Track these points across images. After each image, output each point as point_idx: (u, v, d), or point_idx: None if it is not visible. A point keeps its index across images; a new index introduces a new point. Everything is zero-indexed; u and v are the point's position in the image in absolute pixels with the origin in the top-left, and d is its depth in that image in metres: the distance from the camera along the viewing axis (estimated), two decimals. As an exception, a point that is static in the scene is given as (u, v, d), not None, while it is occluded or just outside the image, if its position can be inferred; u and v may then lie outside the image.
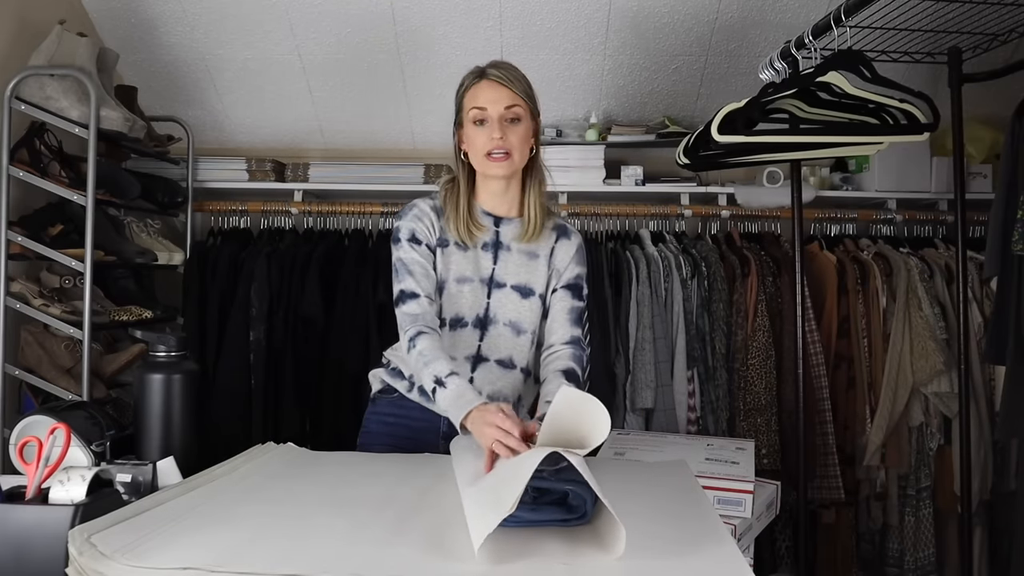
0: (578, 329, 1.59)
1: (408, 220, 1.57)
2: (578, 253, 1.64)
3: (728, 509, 1.72)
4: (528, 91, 1.54)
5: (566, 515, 1.00)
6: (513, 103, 1.51)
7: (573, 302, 1.60)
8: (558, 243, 1.63)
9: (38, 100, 2.27)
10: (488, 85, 1.52)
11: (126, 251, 2.48)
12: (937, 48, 2.30)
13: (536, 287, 1.60)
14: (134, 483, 1.20)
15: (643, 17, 2.74)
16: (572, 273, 1.62)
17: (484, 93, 1.52)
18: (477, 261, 1.58)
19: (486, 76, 1.53)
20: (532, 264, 1.60)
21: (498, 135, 1.49)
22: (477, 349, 1.58)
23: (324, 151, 3.17)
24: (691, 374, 2.66)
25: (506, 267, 1.59)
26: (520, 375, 1.61)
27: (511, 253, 1.59)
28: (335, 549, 0.91)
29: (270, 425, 2.64)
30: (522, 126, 1.52)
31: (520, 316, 1.59)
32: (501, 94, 1.51)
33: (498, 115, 1.50)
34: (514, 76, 1.53)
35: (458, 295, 1.57)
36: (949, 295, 2.69)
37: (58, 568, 0.93)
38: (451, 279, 1.57)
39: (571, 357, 1.53)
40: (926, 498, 2.66)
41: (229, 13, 2.73)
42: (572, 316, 1.59)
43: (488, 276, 1.58)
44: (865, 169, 2.95)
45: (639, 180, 2.87)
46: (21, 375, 2.29)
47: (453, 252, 1.58)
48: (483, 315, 1.58)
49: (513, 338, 1.59)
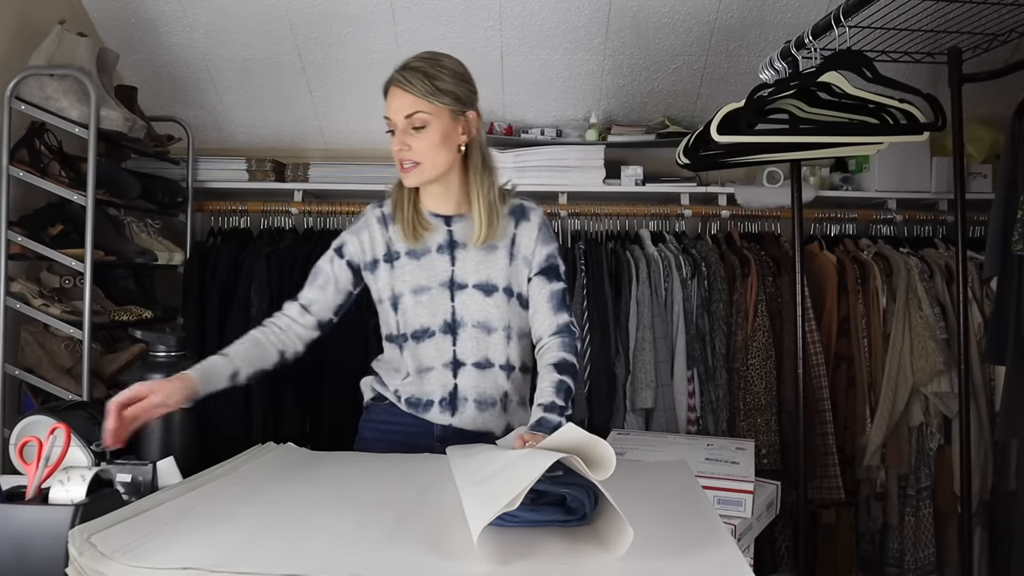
0: (563, 314, 1.53)
1: (349, 231, 1.59)
2: (541, 232, 1.56)
3: (728, 509, 1.72)
4: (446, 88, 1.44)
5: (565, 516, 1.00)
6: (415, 110, 1.43)
7: (551, 286, 1.54)
8: (518, 228, 1.56)
9: (38, 100, 2.27)
10: (393, 92, 1.46)
11: (126, 251, 2.48)
12: (937, 48, 2.30)
13: (498, 282, 1.54)
14: (134, 483, 1.20)
15: (643, 17, 2.74)
16: (542, 256, 1.55)
17: (390, 101, 1.47)
18: (434, 266, 1.54)
19: (393, 81, 1.46)
20: (491, 258, 1.54)
21: (397, 147, 1.45)
22: (453, 355, 1.54)
23: (324, 151, 3.18)
24: (691, 374, 2.66)
25: (465, 266, 1.54)
26: (500, 372, 1.56)
27: (468, 251, 1.54)
28: (335, 549, 0.91)
29: (270, 425, 2.64)
30: (429, 132, 1.44)
31: (487, 315, 1.54)
32: (403, 102, 1.44)
33: (402, 124, 1.45)
34: (421, 77, 1.43)
35: (417, 306, 1.53)
36: (949, 295, 2.69)
37: (58, 568, 0.93)
38: (406, 292, 1.54)
39: (560, 347, 1.48)
40: (926, 498, 2.66)
41: (229, 13, 2.73)
42: (553, 302, 1.53)
43: (448, 279, 1.54)
44: (865, 169, 2.95)
45: (639, 180, 2.87)
46: (21, 375, 2.29)
47: (406, 263, 1.54)
48: (450, 320, 1.54)
49: (485, 338, 1.54)
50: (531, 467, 0.96)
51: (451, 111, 1.46)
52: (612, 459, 0.98)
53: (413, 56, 1.48)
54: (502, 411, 1.58)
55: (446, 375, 1.55)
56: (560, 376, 1.43)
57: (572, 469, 1.01)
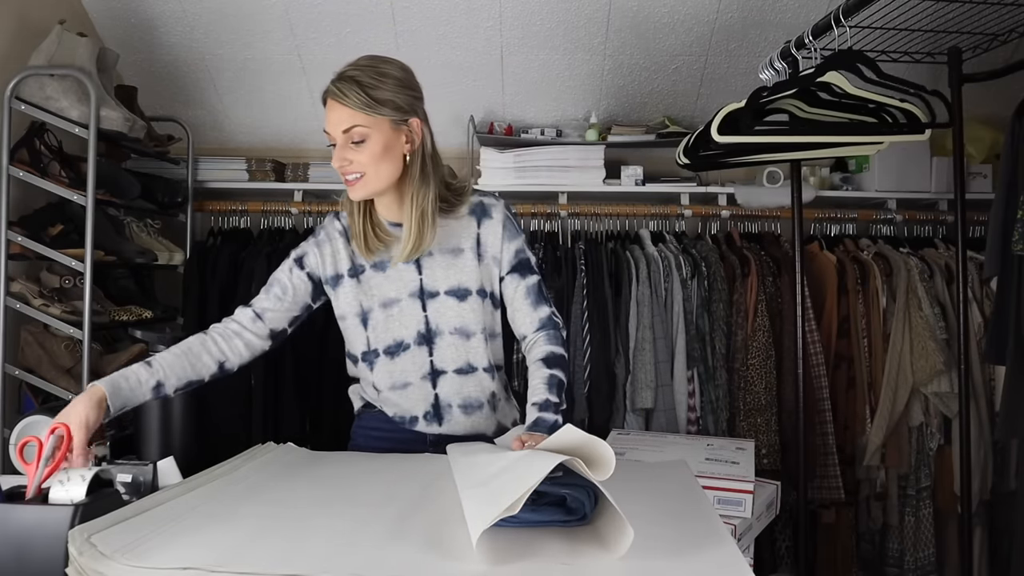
0: (543, 307, 1.49)
1: (310, 243, 1.52)
2: (506, 229, 1.50)
3: (728, 509, 1.72)
4: (384, 97, 1.36)
5: (566, 516, 1.00)
6: (352, 124, 1.36)
7: (525, 281, 1.50)
8: (482, 227, 1.50)
9: (38, 100, 2.27)
10: (329, 105, 1.38)
11: (126, 251, 2.48)
12: (937, 48, 2.29)
13: (470, 285, 1.49)
14: (134, 483, 1.20)
15: (643, 17, 2.74)
16: (510, 253, 1.51)
17: (327, 114, 1.39)
18: (400, 276, 1.49)
19: (328, 92, 1.38)
20: (459, 262, 1.49)
21: (337, 163, 1.39)
22: (430, 365, 1.50)
23: (324, 151, 3.16)
24: (691, 374, 2.66)
25: (433, 273, 1.49)
26: (484, 375, 1.52)
27: (434, 258, 1.48)
28: (335, 549, 0.91)
29: (270, 425, 2.64)
30: (369, 144, 1.37)
31: (464, 320, 1.49)
32: (340, 115, 1.36)
33: (340, 139, 1.38)
34: (355, 88, 1.35)
35: (388, 320, 1.49)
36: (949, 295, 2.69)
37: (58, 568, 0.93)
38: (376, 306, 1.49)
39: (546, 340, 1.45)
40: (926, 498, 2.66)
41: (229, 13, 2.73)
42: (531, 298, 1.49)
43: (417, 288, 1.49)
44: (865, 169, 2.95)
45: (639, 180, 2.87)
46: (21, 375, 2.29)
47: (372, 276, 1.49)
48: (424, 330, 1.49)
49: (464, 343, 1.50)
50: (531, 471, 0.96)
51: (391, 121, 1.38)
52: (612, 459, 0.98)
53: (350, 63, 1.40)
54: (491, 411, 1.56)
55: (425, 387, 1.51)
56: (550, 371, 1.40)
57: (572, 470, 1.01)
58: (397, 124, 1.39)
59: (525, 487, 0.92)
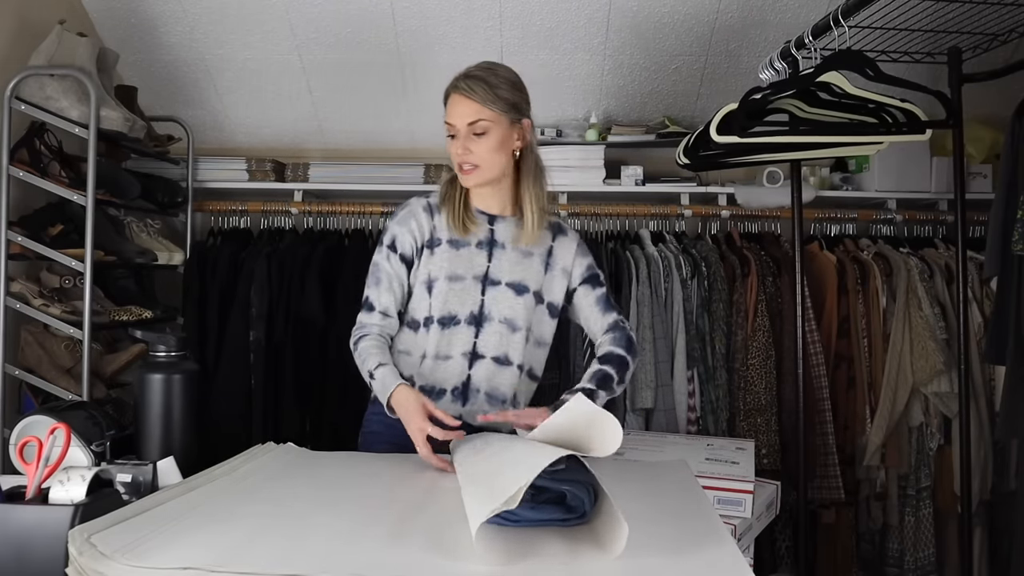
0: (611, 313, 1.68)
1: (396, 223, 1.63)
2: (579, 246, 1.71)
3: (728, 509, 1.72)
4: (505, 96, 1.54)
5: (565, 515, 1.00)
6: (477, 117, 1.52)
7: (596, 291, 1.69)
8: (556, 241, 1.68)
9: (38, 100, 2.27)
10: (456, 99, 1.55)
11: (126, 251, 2.48)
12: (937, 48, 2.29)
13: (530, 284, 1.63)
14: (134, 483, 1.20)
15: (643, 17, 2.75)
16: (583, 266, 1.69)
17: (452, 108, 1.56)
18: (471, 259, 1.61)
19: (456, 88, 1.55)
20: (527, 262, 1.64)
21: (460, 151, 1.54)
22: (473, 346, 1.61)
23: (324, 151, 3.17)
24: (691, 374, 2.66)
25: (501, 264, 1.62)
26: (516, 371, 1.63)
27: (506, 251, 1.63)
28: (335, 549, 0.91)
29: (270, 425, 2.64)
30: (489, 138, 1.53)
31: (515, 313, 1.61)
32: (467, 109, 1.53)
33: (464, 130, 1.53)
34: (483, 86, 1.53)
35: (449, 292, 1.59)
36: (949, 295, 2.69)
37: (58, 568, 0.93)
38: (442, 277, 1.60)
39: (611, 342, 1.63)
40: (926, 498, 2.66)
41: (229, 13, 2.73)
42: (601, 304, 1.68)
43: (483, 273, 1.61)
44: (865, 169, 2.95)
45: (639, 180, 2.87)
46: (21, 375, 2.29)
47: (445, 251, 1.61)
48: (477, 312, 1.61)
49: (508, 335, 1.62)
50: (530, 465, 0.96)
51: (509, 118, 1.55)
52: (618, 433, 1.04)
53: (473, 65, 1.57)
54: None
55: (462, 364, 1.61)
56: (601, 366, 1.59)
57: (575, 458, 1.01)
58: (513, 122, 1.56)
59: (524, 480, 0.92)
